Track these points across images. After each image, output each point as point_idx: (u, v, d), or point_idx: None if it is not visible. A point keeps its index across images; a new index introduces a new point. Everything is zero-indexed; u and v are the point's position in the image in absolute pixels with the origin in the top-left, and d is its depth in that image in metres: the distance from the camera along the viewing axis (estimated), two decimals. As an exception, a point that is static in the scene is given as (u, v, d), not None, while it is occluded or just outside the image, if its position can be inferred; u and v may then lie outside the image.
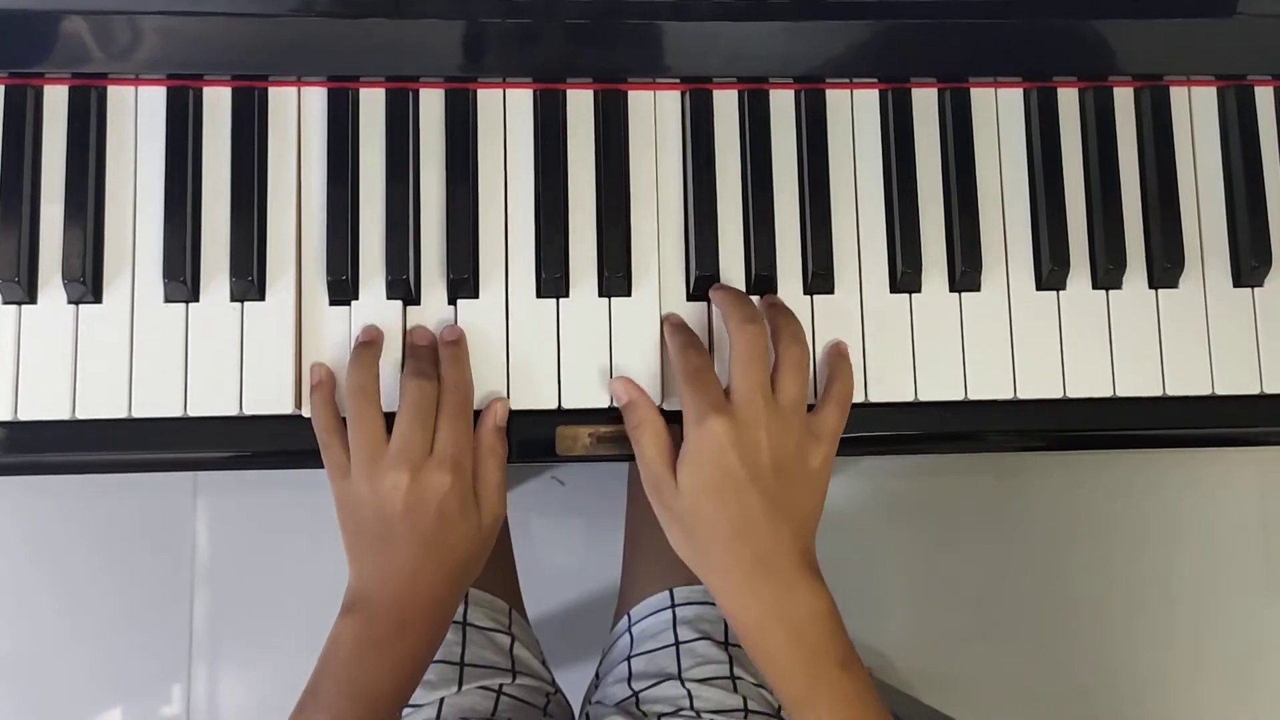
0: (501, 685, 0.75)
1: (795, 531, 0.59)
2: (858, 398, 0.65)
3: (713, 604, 0.79)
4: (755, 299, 0.65)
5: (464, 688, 0.74)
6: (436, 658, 0.75)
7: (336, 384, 0.63)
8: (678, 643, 0.77)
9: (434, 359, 0.63)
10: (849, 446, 0.65)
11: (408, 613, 0.60)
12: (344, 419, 0.62)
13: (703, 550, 0.60)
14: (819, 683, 0.58)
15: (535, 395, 0.65)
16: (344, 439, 0.61)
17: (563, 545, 1.37)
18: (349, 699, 0.59)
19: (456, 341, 0.64)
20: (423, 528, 0.59)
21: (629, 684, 0.76)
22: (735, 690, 0.74)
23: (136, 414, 0.63)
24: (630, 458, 0.66)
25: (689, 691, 0.73)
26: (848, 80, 0.68)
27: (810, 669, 0.58)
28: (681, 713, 0.72)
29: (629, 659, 0.78)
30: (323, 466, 0.63)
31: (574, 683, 0.89)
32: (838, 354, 0.65)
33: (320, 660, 0.61)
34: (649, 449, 0.61)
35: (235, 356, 0.64)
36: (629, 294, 0.66)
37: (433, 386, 0.61)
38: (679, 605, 0.79)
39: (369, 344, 0.63)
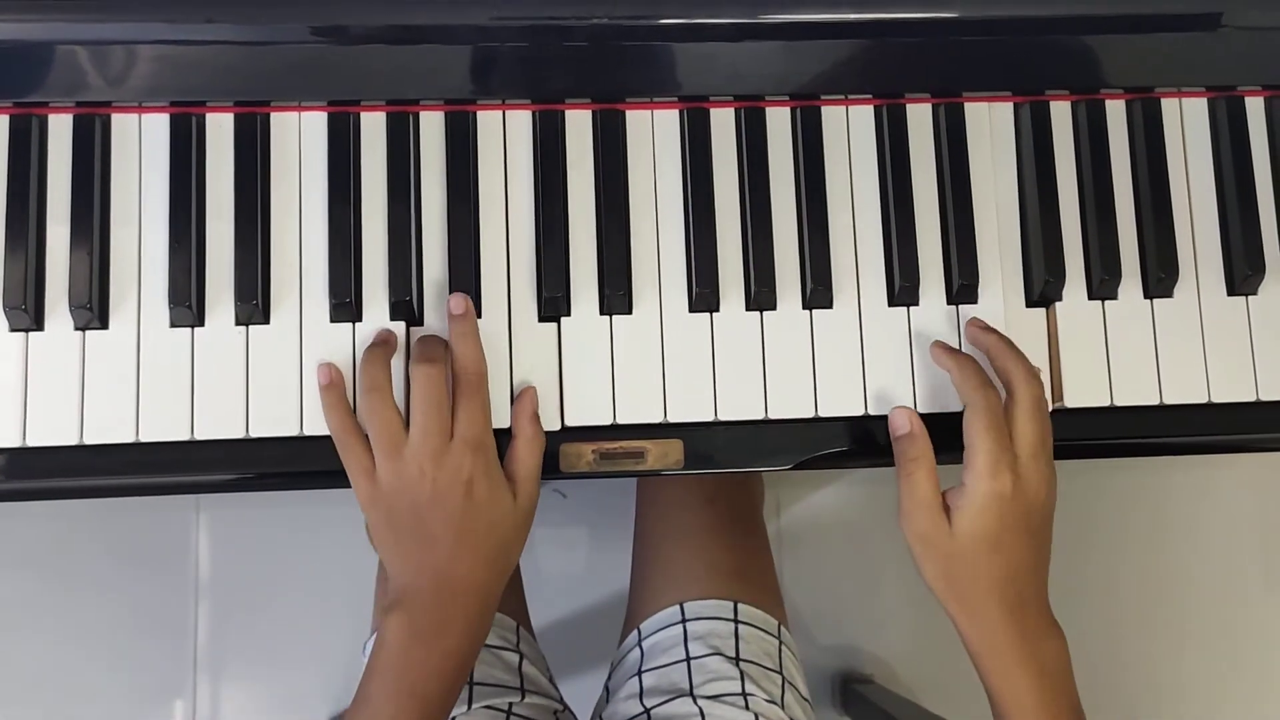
0: (511, 704, 0.76)
1: (1044, 573, 0.63)
2: (873, 410, 0.66)
3: (724, 619, 0.79)
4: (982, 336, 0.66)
5: (474, 707, 0.74)
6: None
7: (346, 386, 0.64)
8: (689, 658, 0.77)
9: (440, 344, 0.63)
10: (856, 459, 0.66)
11: (449, 604, 0.61)
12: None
13: (964, 589, 0.62)
14: None
15: (539, 414, 0.65)
16: (362, 438, 0.62)
17: (566, 556, 1.38)
18: (400, 698, 0.60)
19: (464, 315, 0.64)
20: (454, 512, 0.60)
21: (640, 700, 0.76)
22: (747, 707, 0.74)
23: (144, 438, 0.64)
24: (629, 474, 0.66)
25: (701, 709, 0.73)
26: (843, 96, 0.69)
27: (1051, 711, 0.61)
28: (692, 729, 0.73)
29: (639, 674, 0.79)
30: (327, 487, 0.64)
31: (578, 694, 0.89)
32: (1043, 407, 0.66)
33: (369, 664, 0.61)
34: (923, 486, 0.62)
35: (241, 379, 0.64)
36: (630, 311, 0.67)
37: (440, 370, 0.61)
38: (689, 620, 0.79)
39: (381, 344, 0.64)
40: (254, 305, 0.64)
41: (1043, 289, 0.68)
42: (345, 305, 0.65)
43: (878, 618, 1.39)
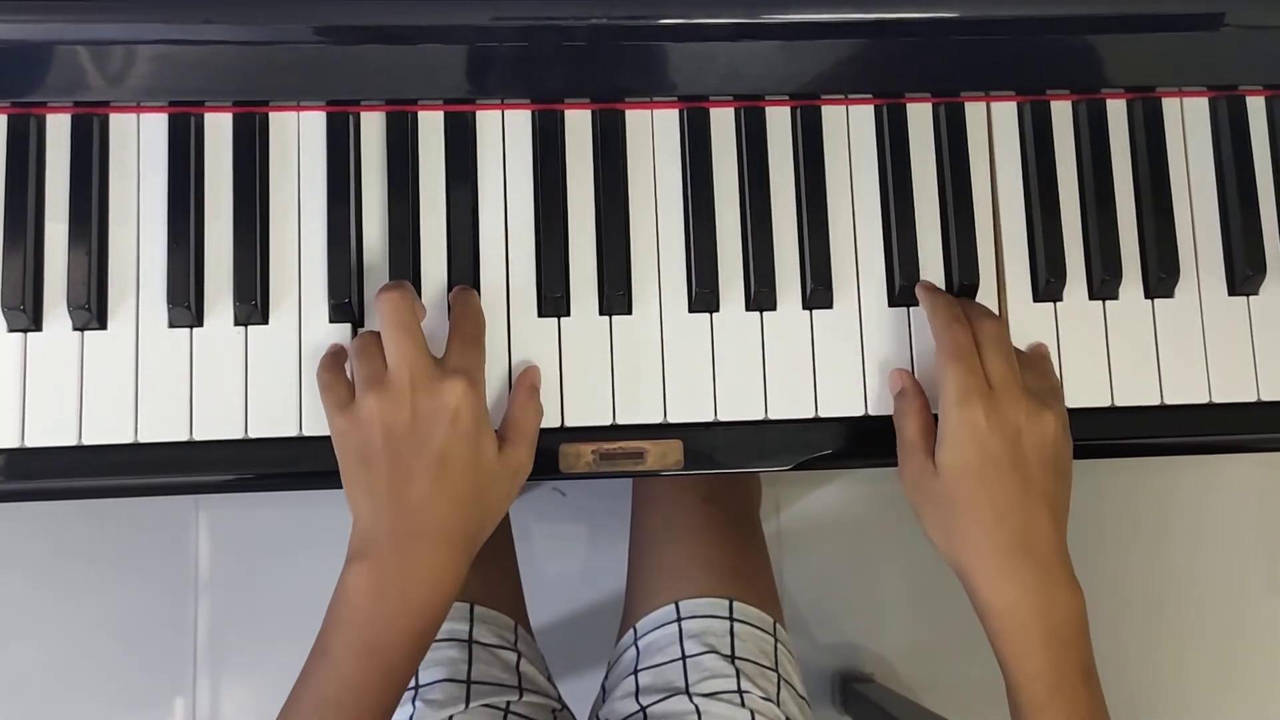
0: (509, 703, 0.76)
1: (1055, 520, 0.60)
2: (873, 410, 0.66)
3: (719, 617, 0.79)
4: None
5: (471, 705, 0.74)
6: (443, 676, 0.75)
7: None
8: (684, 656, 0.77)
9: (405, 283, 0.63)
10: (856, 459, 0.67)
11: (415, 548, 0.57)
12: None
13: (960, 533, 0.60)
14: (1061, 687, 0.58)
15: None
16: (345, 375, 0.62)
17: (564, 555, 1.38)
18: (361, 654, 0.56)
19: (463, 289, 0.65)
20: (433, 442, 0.57)
21: (636, 699, 0.76)
22: (743, 704, 0.74)
23: (143, 439, 0.64)
24: (629, 475, 0.66)
25: (697, 707, 0.73)
26: (843, 96, 0.69)
27: (1056, 671, 0.58)
28: (689, 727, 0.73)
29: (636, 673, 0.78)
30: (327, 487, 0.64)
31: (576, 692, 0.89)
32: (1043, 358, 0.66)
33: (328, 616, 0.58)
34: (912, 431, 0.62)
35: (240, 380, 0.64)
36: (629, 311, 0.66)
37: (405, 294, 0.60)
38: (685, 619, 0.79)
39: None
40: (253, 305, 0.64)
41: (1043, 289, 0.67)
42: (344, 306, 0.65)
43: (877, 617, 1.39)
